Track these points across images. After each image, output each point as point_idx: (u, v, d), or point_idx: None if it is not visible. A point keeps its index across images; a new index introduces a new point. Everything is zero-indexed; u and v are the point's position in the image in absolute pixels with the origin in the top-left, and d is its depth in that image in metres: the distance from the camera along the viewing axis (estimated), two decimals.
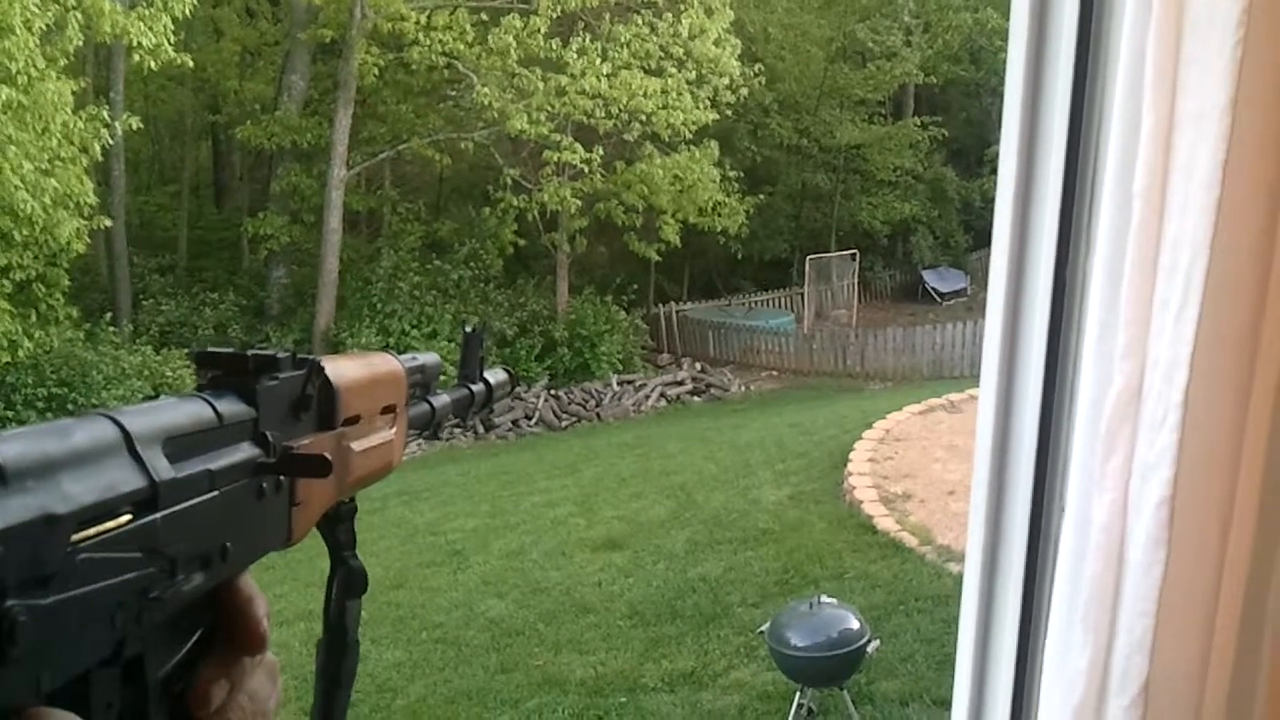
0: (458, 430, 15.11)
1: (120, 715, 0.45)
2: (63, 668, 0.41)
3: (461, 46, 16.20)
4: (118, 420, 0.46)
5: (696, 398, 17.38)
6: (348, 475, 0.66)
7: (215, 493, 0.50)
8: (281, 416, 0.58)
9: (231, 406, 0.54)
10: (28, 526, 0.38)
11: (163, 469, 0.46)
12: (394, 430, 0.74)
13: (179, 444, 0.49)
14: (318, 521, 0.64)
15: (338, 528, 0.68)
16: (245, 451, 0.54)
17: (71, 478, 0.41)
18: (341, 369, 0.65)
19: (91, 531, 0.41)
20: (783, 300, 22.42)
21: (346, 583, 0.71)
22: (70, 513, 0.40)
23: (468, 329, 0.97)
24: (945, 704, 4.96)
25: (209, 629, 0.52)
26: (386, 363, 0.75)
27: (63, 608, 0.40)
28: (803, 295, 22.15)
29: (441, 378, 0.88)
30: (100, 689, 0.44)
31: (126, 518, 0.44)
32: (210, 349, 0.57)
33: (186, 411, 0.51)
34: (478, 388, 0.95)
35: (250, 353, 0.56)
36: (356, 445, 0.67)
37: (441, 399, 0.87)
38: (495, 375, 0.99)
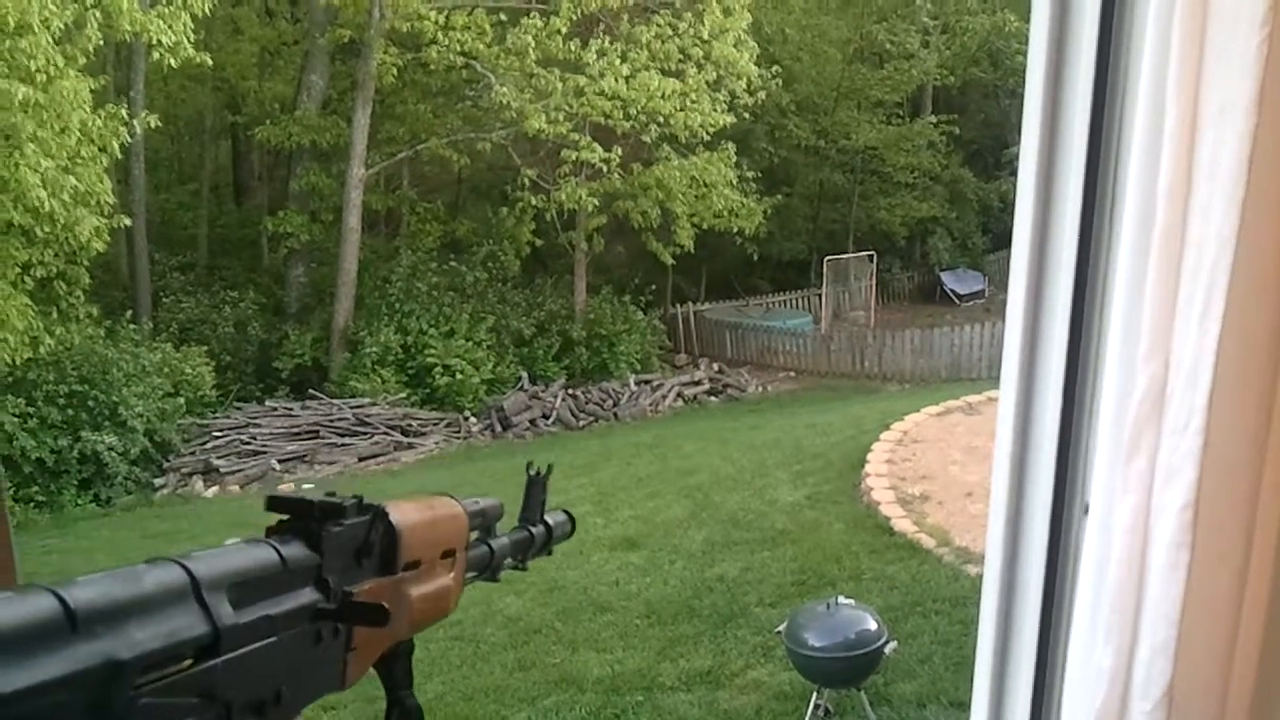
0: (476, 429, 15.15)
1: None
2: None
3: (480, 46, 16.23)
4: (187, 567, 0.46)
5: (714, 398, 17.37)
6: (404, 620, 0.66)
7: (274, 638, 0.51)
8: (344, 562, 0.59)
9: (296, 552, 0.55)
10: (93, 672, 0.39)
11: (226, 615, 0.47)
12: (452, 576, 0.74)
13: (243, 589, 0.49)
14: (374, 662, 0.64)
15: (394, 666, 0.68)
16: (307, 597, 0.55)
17: (139, 624, 0.42)
18: (404, 513, 0.65)
19: (153, 677, 0.42)
20: (800, 301, 22.38)
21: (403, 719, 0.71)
22: (135, 658, 0.41)
23: (531, 473, 0.97)
24: (963, 706, 4.94)
25: None
26: (448, 507, 0.76)
27: None
28: (820, 296, 22.11)
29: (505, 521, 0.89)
30: None
31: (188, 663, 0.45)
32: (281, 494, 0.57)
33: (253, 557, 0.52)
34: (538, 530, 0.96)
35: (317, 500, 0.57)
36: (415, 590, 0.67)
37: (501, 542, 0.88)
38: (555, 517, 0.99)
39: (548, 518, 0.97)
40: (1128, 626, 1.20)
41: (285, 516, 0.57)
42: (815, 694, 4.94)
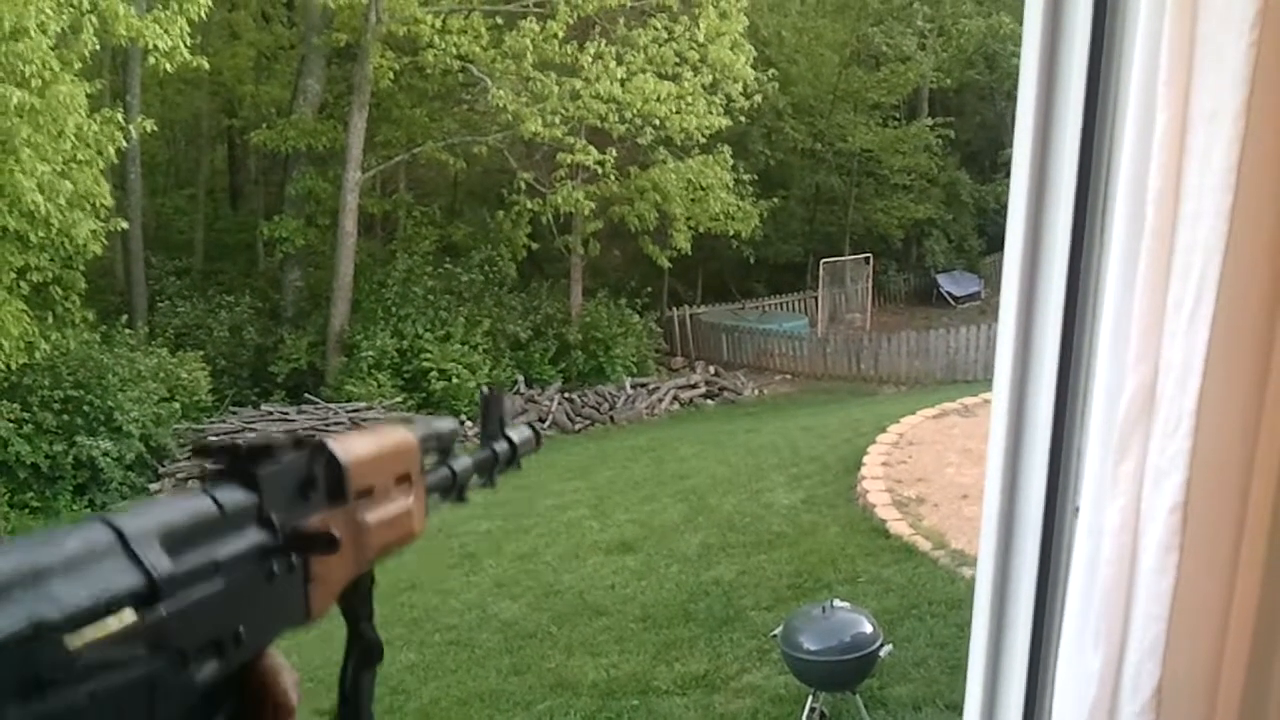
0: (471, 433, 15.12)
1: None
2: None
3: (477, 50, 16.22)
4: (111, 523, 0.46)
5: (710, 401, 17.36)
6: (365, 548, 0.66)
7: (222, 581, 0.50)
8: (289, 498, 0.58)
9: (232, 495, 0.54)
10: (19, 637, 0.38)
11: (161, 565, 0.46)
12: (411, 499, 0.74)
13: (180, 538, 0.49)
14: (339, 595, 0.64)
15: (354, 599, 0.68)
16: (251, 537, 0.54)
17: (64, 584, 0.41)
18: (349, 444, 0.65)
19: (91, 633, 0.42)
20: (796, 304, 22.38)
21: (363, 654, 0.71)
22: (64, 618, 0.40)
23: (485, 391, 0.97)
24: (958, 709, 4.93)
25: (231, 713, 0.52)
26: (396, 433, 0.75)
27: (66, 711, 0.40)
28: (816, 299, 22.10)
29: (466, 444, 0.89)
30: None
31: (130, 617, 0.44)
32: (206, 441, 0.58)
33: (185, 507, 0.51)
34: (501, 447, 0.96)
35: (245, 443, 0.57)
36: (371, 517, 0.67)
37: (463, 461, 0.87)
38: (519, 433, 0.99)
39: (509, 432, 0.97)
40: (1117, 628, 1.20)
41: (218, 465, 0.57)
42: (811, 697, 4.95)
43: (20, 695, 0.38)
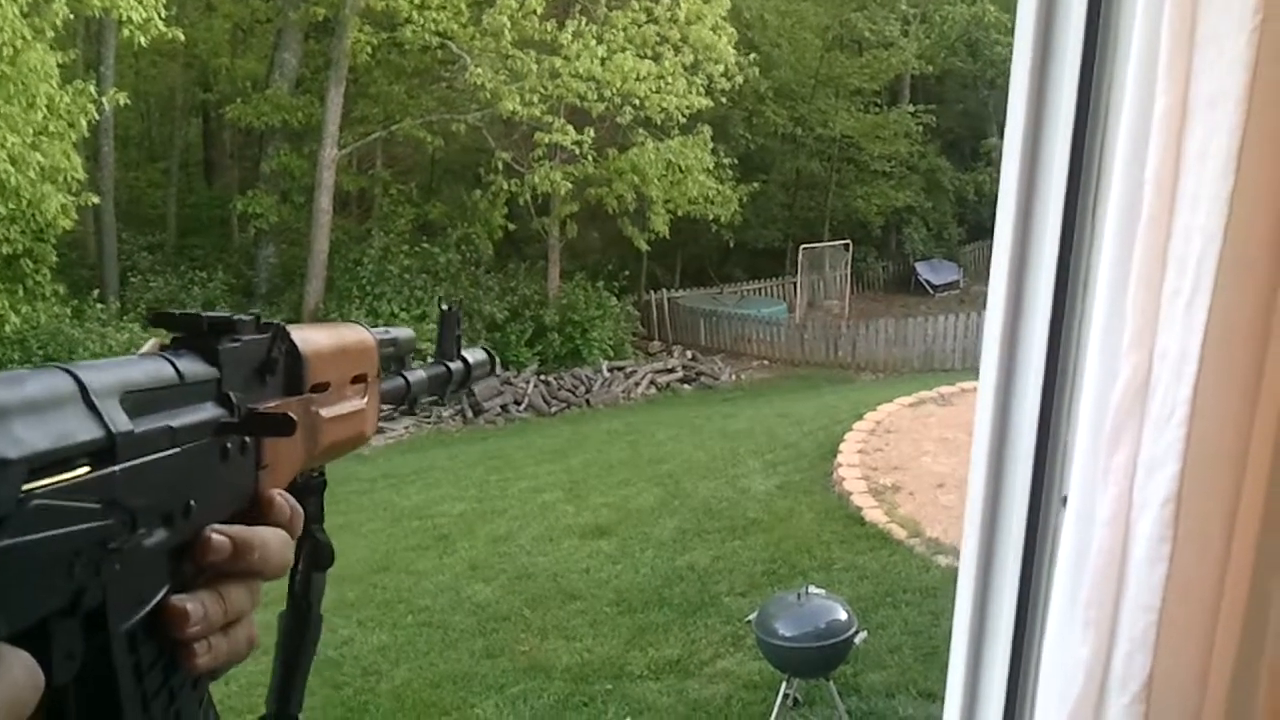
0: (446, 414, 15.09)
1: (84, 666, 0.45)
2: (17, 612, 0.40)
3: (455, 26, 16.10)
4: (73, 372, 0.45)
5: (687, 386, 17.36)
6: (317, 441, 0.67)
7: (177, 449, 0.50)
8: (246, 379, 0.58)
9: (193, 366, 0.54)
10: None
11: (121, 422, 0.46)
12: (365, 400, 0.74)
13: (139, 400, 0.48)
14: (287, 489, 0.63)
15: (307, 500, 0.67)
16: (208, 411, 0.54)
17: (24, 424, 0.40)
18: (309, 336, 0.66)
19: (46, 480, 0.41)
20: (775, 289, 22.41)
21: (313, 556, 0.72)
22: (21, 457, 0.39)
23: (444, 307, 0.97)
24: (931, 696, 4.96)
25: (177, 585, 0.51)
26: (356, 332, 0.75)
27: (16, 552, 0.39)
28: (795, 284, 22.14)
29: (419, 357, 0.89)
30: (60, 638, 0.43)
31: (84, 469, 0.43)
32: (167, 310, 0.56)
33: (146, 369, 0.51)
34: (455, 365, 0.95)
35: (205, 314, 0.56)
36: (325, 411, 0.68)
37: (417, 374, 0.87)
38: (474, 354, 0.99)
39: (465, 353, 0.97)
40: (1106, 619, 1.18)
41: (178, 333, 0.56)
42: (785, 683, 4.95)
43: None
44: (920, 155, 24.16)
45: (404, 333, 0.84)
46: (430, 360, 0.94)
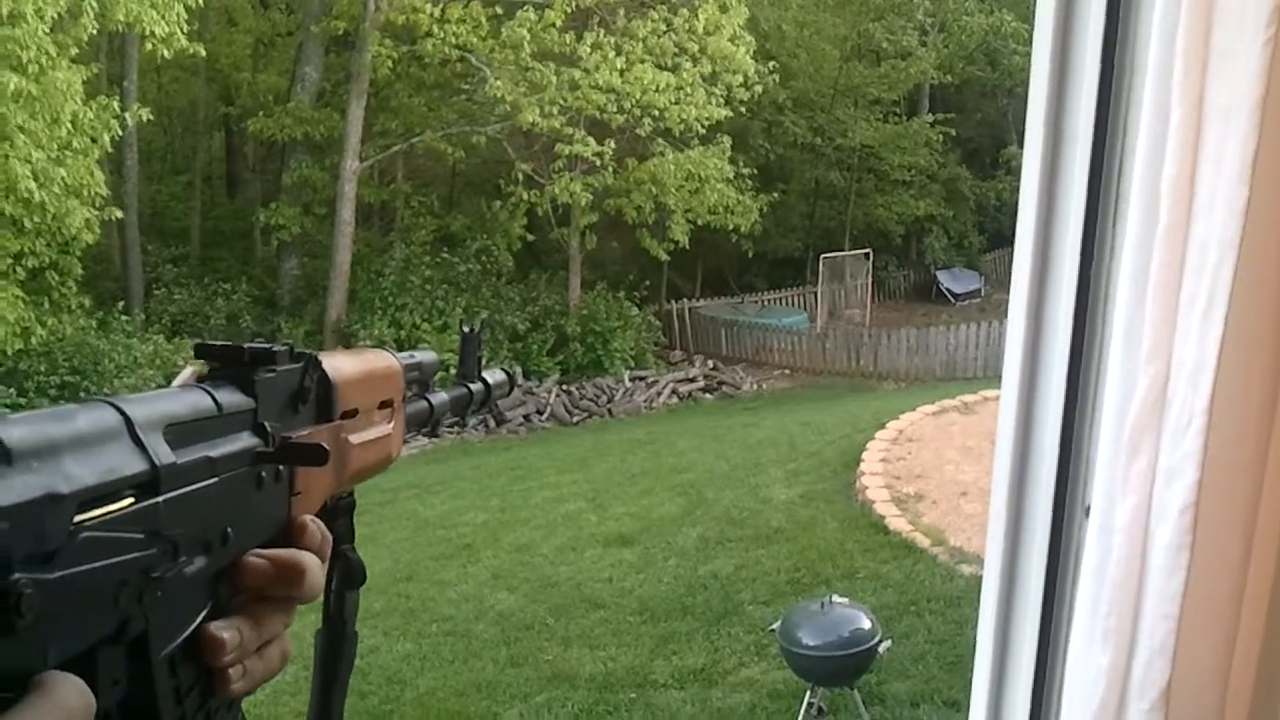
0: (469, 424, 15.14)
1: (126, 691, 0.47)
2: (68, 642, 0.42)
3: (475, 40, 16.19)
4: (119, 407, 0.47)
5: (708, 395, 17.36)
6: (346, 467, 0.69)
7: (215, 479, 0.52)
8: (280, 408, 0.60)
9: (230, 397, 0.56)
10: (32, 504, 0.39)
11: (164, 454, 0.48)
12: (391, 425, 0.76)
13: (180, 431, 0.50)
14: (318, 514, 0.65)
15: (337, 521, 0.69)
16: (245, 441, 0.56)
17: (74, 460, 0.42)
18: (338, 364, 0.67)
19: (95, 512, 0.43)
20: (796, 299, 22.37)
21: (345, 575, 0.74)
22: (73, 492, 0.41)
23: (465, 330, 1.00)
24: (956, 705, 4.94)
25: (214, 611, 0.53)
26: (383, 359, 0.77)
27: (67, 583, 0.41)
28: (816, 294, 22.10)
29: (442, 375, 0.91)
30: (106, 666, 0.45)
31: (129, 501, 0.45)
32: (208, 342, 0.58)
33: (187, 401, 0.53)
34: (476, 387, 0.98)
35: (247, 345, 0.58)
36: (354, 438, 0.69)
37: (439, 397, 0.90)
38: (494, 375, 1.01)
39: (486, 375, 1.00)
40: (1126, 627, 1.19)
41: (216, 364, 0.58)
42: (809, 692, 4.95)
43: (26, 562, 0.39)
44: (940, 164, 24.08)
45: (428, 356, 0.86)
46: (453, 380, 0.96)
